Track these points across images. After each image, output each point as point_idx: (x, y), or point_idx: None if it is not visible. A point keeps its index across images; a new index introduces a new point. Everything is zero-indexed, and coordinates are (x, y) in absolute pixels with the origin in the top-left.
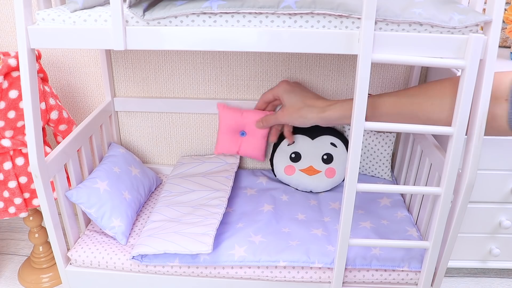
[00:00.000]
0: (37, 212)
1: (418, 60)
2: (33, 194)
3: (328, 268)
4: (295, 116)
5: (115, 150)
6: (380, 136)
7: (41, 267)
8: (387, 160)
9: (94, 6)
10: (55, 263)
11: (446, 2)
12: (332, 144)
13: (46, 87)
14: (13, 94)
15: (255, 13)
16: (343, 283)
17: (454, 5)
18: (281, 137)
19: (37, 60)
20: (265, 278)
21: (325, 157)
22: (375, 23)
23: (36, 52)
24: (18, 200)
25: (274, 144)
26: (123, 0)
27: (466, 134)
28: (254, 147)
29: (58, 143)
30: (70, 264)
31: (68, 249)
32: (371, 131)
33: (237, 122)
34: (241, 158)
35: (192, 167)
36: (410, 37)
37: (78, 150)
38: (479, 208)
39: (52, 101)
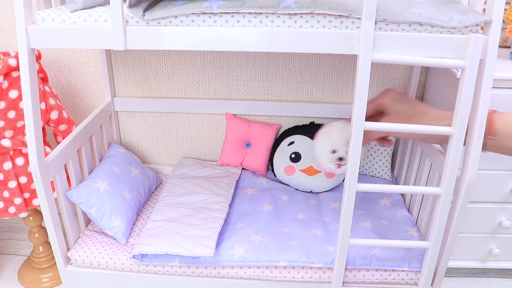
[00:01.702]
0: (37, 212)
1: (418, 60)
2: (33, 194)
3: (328, 268)
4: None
5: (115, 150)
6: None
7: (41, 267)
8: (387, 160)
9: (94, 6)
10: (55, 263)
11: (446, 2)
12: None
13: (46, 87)
14: (13, 94)
15: (255, 13)
16: (343, 283)
17: (454, 5)
18: (280, 138)
19: (37, 60)
20: (265, 278)
21: None
22: (375, 23)
23: (36, 52)
24: (18, 200)
25: (274, 145)
26: (123, 0)
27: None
28: (258, 159)
29: (58, 143)
30: (70, 264)
31: (68, 249)
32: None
33: (244, 133)
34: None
35: (194, 169)
36: (410, 37)
37: (78, 150)
38: (479, 208)
39: (52, 101)
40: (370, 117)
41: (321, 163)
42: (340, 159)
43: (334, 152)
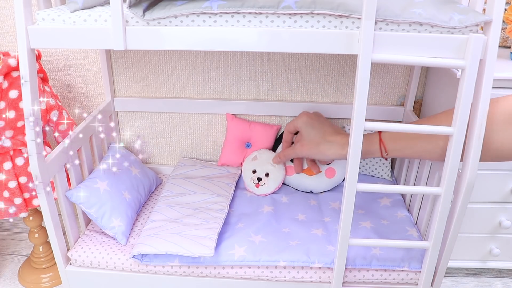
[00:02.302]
0: (37, 212)
1: (418, 60)
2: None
3: (328, 268)
4: (314, 151)
5: (115, 150)
6: None
7: (41, 267)
8: (387, 160)
9: (94, 6)
10: (55, 263)
11: (446, 2)
12: None
13: (46, 87)
14: (13, 94)
15: (255, 13)
16: (343, 283)
17: (454, 5)
18: (280, 138)
19: (37, 60)
20: (265, 278)
21: None
22: (375, 23)
23: (36, 52)
24: (18, 200)
25: (274, 145)
26: (123, 0)
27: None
28: None
29: (58, 143)
30: (70, 264)
31: (68, 249)
32: (372, 131)
33: (244, 133)
34: None
35: (194, 169)
36: (410, 37)
37: (78, 150)
38: (479, 208)
39: (52, 101)
40: (291, 135)
41: (244, 181)
42: (259, 179)
43: (254, 172)
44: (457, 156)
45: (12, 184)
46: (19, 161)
